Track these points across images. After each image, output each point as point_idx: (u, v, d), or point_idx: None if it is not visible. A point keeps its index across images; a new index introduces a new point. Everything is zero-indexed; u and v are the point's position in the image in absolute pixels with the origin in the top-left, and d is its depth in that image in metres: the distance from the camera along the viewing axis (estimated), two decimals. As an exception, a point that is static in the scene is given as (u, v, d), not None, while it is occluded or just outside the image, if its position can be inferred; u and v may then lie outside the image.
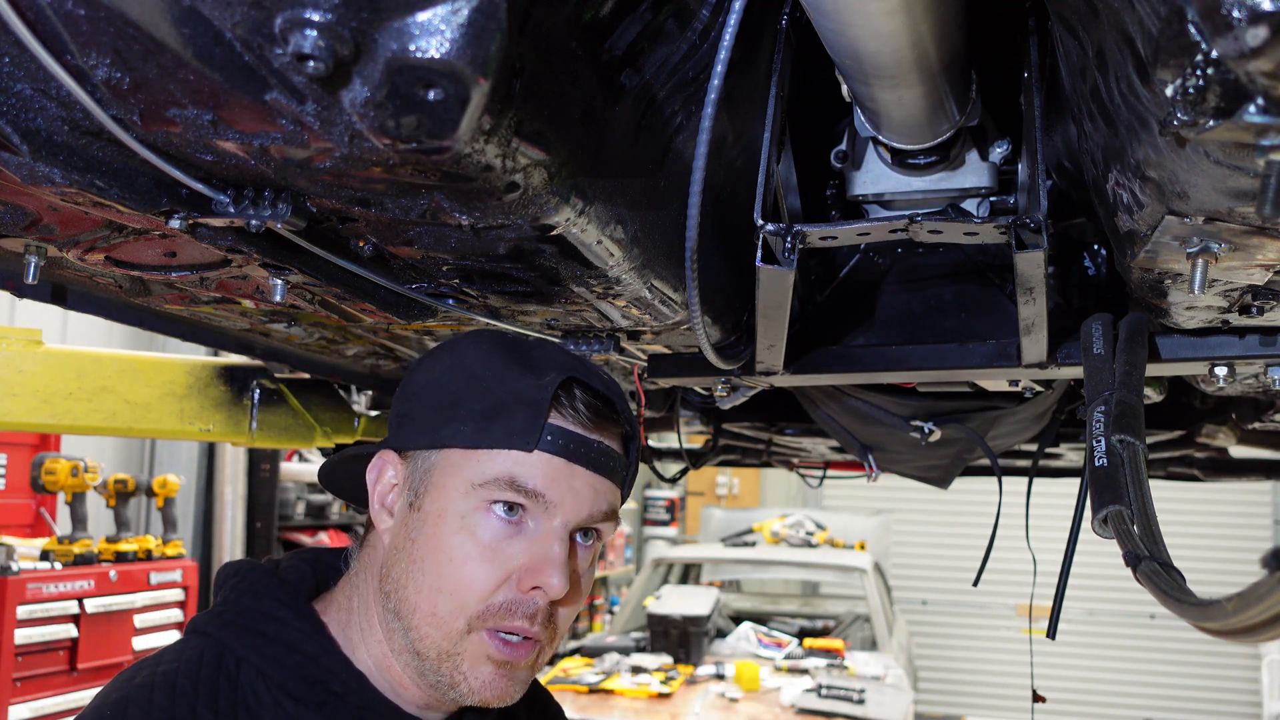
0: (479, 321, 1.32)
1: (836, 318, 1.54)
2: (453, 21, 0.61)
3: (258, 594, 1.02)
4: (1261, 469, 3.06)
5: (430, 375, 1.04)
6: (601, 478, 1.01)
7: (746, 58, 1.10)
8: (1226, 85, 0.56)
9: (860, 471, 2.61)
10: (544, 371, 1.00)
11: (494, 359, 1.01)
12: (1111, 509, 0.92)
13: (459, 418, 0.98)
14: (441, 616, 0.96)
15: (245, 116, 0.71)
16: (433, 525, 0.97)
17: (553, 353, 1.05)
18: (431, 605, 0.96)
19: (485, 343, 1.04)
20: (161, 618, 4.40)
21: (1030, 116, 1.04)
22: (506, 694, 0.98)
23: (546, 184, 0.84)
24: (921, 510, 9.43)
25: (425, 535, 0.97)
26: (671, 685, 4.74)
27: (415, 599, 0.96)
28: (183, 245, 1.09)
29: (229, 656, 0.97)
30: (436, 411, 1.00)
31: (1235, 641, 0.66)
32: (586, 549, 1.03)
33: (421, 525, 0.98)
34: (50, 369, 1.64)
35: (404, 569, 0.98)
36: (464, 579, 0.95)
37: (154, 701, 0.92)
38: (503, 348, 1.03)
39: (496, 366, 1.00)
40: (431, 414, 1.01)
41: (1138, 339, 1.13)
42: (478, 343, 1.04)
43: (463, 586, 0.95)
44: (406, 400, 1.05)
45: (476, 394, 0.99)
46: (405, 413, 1.04)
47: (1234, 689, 8.77)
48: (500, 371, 1.00)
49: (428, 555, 0.96)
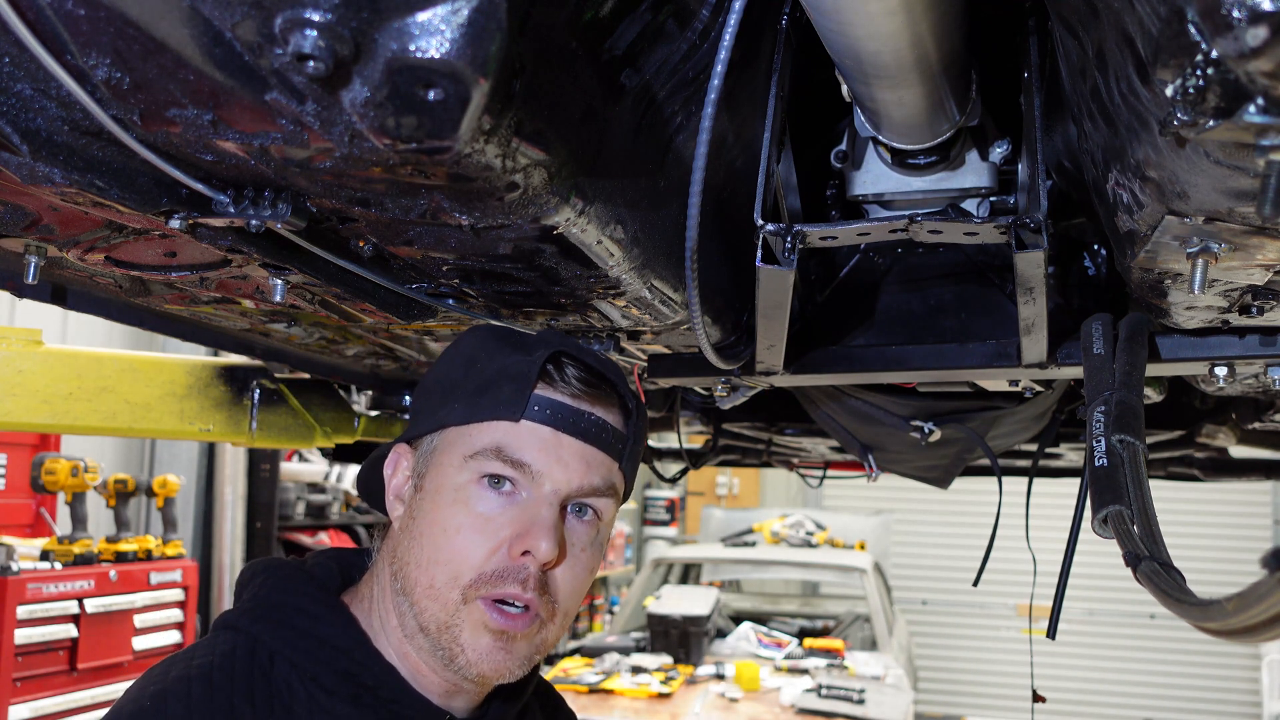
0: (479, 322, 1.32)
1: (836, 318, 1.54)
2: (453, 21, 0.61)
3: (288, 589, 1.04)
4: (1261, 469, 3.06)
5: (436, 370, 1.11)
6: (594, 449, 1.03)
7: (746, 58, 1.10)
8: (1226, 85, 0.56)
9: (860, 471, 2.61)
10: (533, 349, 1.03)
11: (489, 343, 1.06)
12: (1111, 509, 0.92)
13: (455, 398, 1.03)
14: (438, 588, 0.98)
15: (245, 116, 0.71)
16: (430, 501, 1.00)
17: (546, 335, 1.09)
18: (430, 578, 0.98)
19: (482, 330, 1.10)
20: (161, 618, 4.40)
21: (1030, 116, 1.04)
22: (504, 666, 0.99)
23: (546, 184, 0.84)
24: (921, 510, 9.43)
25: (424, 511, 1.01)
26: (671, 685, 4.74)
27: (416, 574, 0.99)
28: (183, 245, 1.09)
29: (261, 651, 0.98)
30: (438, 398, 1.06)
31: (1235, 641, 0.66)
32: (585, 524, 1.04)
33: (422, 503, 1.01)
34: (50, 369, 1.63)
35: (407, 546, 1.01)
36: (457, 549, 0.97)
37: (192, 694, 0.93)
38: (498, 334, 1.08)
39: (490, 348, 1.05)
40: (434, 401, 1.06)
41: (1138, 339, 1.13)
42: (476, 331, 1.10)
43: (456, 556, 0.97)
44: (417, 397, 1.12)
45: (471, 375, 1.04)
46: (415, 408, 1.11)
47: (1234, 689, 8.77)
48: (493, 352, 1.04)
49: (425, 530, 0.99)
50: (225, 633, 1.02)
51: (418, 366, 1.94)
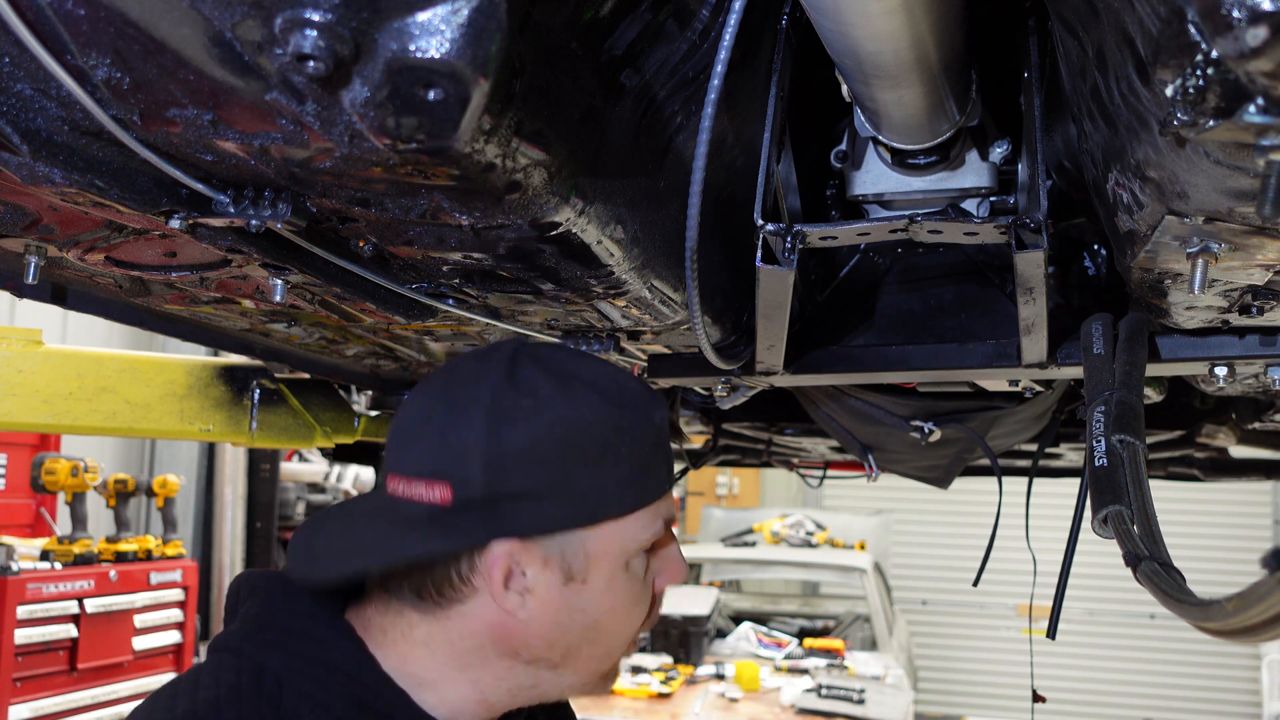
0: (479, 322, 1.32)
1: (836, 318, 1.54)
2: (453, 21, 0.61)
3: (291, 610, 0.99)
4: (1261, 469, 3.06)
5: (540, 449, 0.92)
6: None
7: (746, 58, 1.10)
8: (1226, 85, 0.56)
9: (860, 471, 2.61)
10: (641, 405, 0.97)
11: (599, 409, 0.93)
12: (1111, 509, 0.92)
13: (600, 482, 0.93)
14: (614, 653, 1.02)
15: (245, 116, 0.71)
16: (603, 593, 0.97)
17: (623, 381, 0.98)
18: (606, 650, 1.01)
19: (580, 402, 0.93)
20: (161, 618, 4.41)
21: (1030, 116, 1.04)
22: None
23: (546, 184, 0.84)
24: (921, 510, 9.42)
25: (593, 602, 0.97)
26: (671, 685, 4.74)
27: (591, 651, 1.00)
28: (183, 245, 1.09)
29: (268, 677, 0.94)
30: (562, 484, 0.92)
31: (1235, 641, 0.66)
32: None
33: (591, 596, 0.97)
34: (50, 369, 1.64)
35: (576, 636, 0.98)
36: (635, 621, 1.02)
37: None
38: (599, 401, 0.94)
39: (603, 416, 0.94)
40: (560, 488, 0.92)
41: (1138, 339, 1.13)
42: (571, 402, 0.93)
43: (634, 626, 1.02)
44: (503, 474, 0.91)
45: (611, 455, 0.93)
46: (517, 492, 0.92)
47: (1234, 689, 8.77)
48: (612, 421, 0.94)
49: (604, 619, 0.99)
50: (227, 657, 0.97)
51: (418, 366, 1.94)
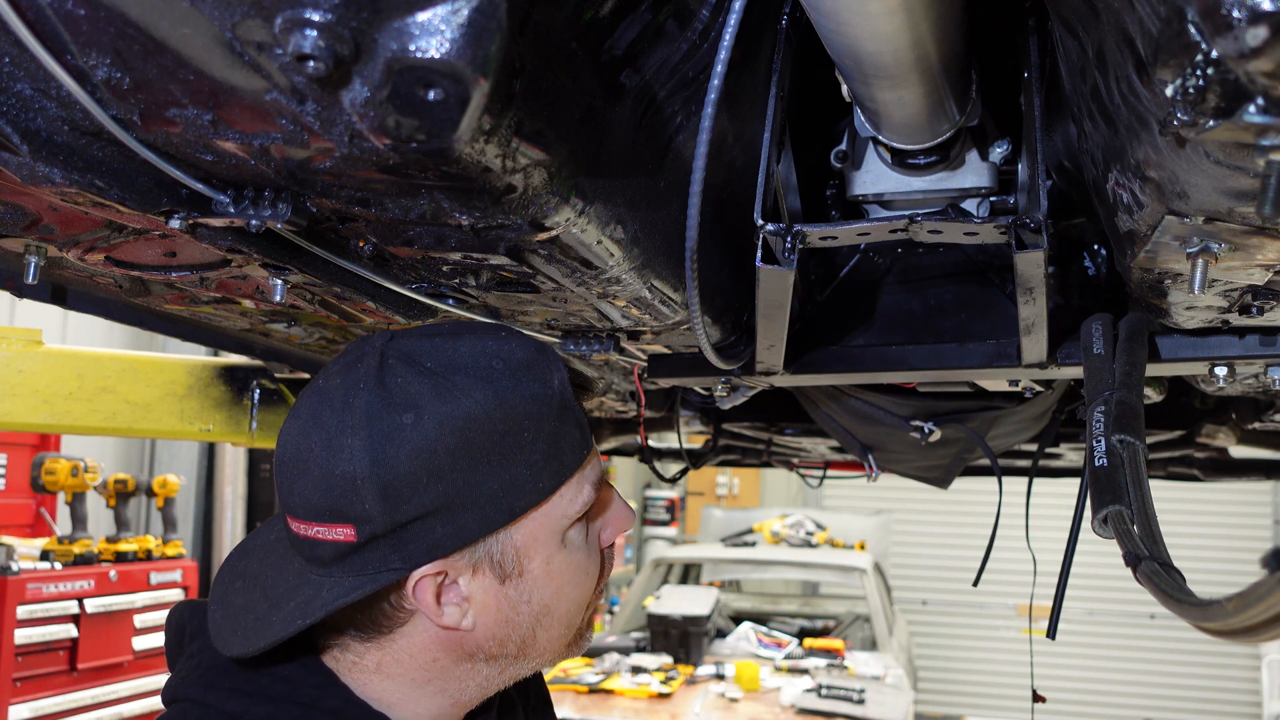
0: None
1: (836, 318, 1.54)
2: (453, 21, 0.61)
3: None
4: (1261, 469, 3.06)
5: (420, 454, 0.82)
6: None
7: (746, 58, 1.10)
8: (1226, 85, 0.56)
9: (860, 471, 2.61)
10: (545, 370, 0.89)
11: (503, 384, 0.85)
12: (1111, 509, 0.92)
13: (514, 473, 0.85)
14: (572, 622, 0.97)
15: (245, 116, 0.71)
16: (544, 578, 0.92)
17: (526, 343, 0.91)
18: (564, 624, 0.96)
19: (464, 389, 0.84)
20: (161, 618, 4.40)
21: (1030, 116, 1.04)
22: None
23: (546, 184, 0.84)
24: (921, 510, 9.43)
25: (539, 588, 0.92)
26: (671, 685, 4.74)
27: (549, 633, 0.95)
28: (183, 245, 1.09)
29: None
30: (470, 491, 0.84)
31: (1235, 641, 0.66)
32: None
33: (532, 585, 0.91)
34: (50, 369, 1.64)
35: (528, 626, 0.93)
36: (585, 589, 0.97)
37: None
38: (502, 372, 0.86)
39: (511, 389, 0.85)
40: (466, 497, 0.84)
41: (1138, 339, 1.13)
42: (450, 395, 0.83)
43: (586, 593, 0.97)
44: (400, 501, 0.81)
45: (521, 441, 0.85)
46: (422, 513, 0.82)
47: (1234, 689, 8.77)
48: (520, 394, 0.86)
49: (552, 601, 0.93)
50: (193, 709, 0.88)
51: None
